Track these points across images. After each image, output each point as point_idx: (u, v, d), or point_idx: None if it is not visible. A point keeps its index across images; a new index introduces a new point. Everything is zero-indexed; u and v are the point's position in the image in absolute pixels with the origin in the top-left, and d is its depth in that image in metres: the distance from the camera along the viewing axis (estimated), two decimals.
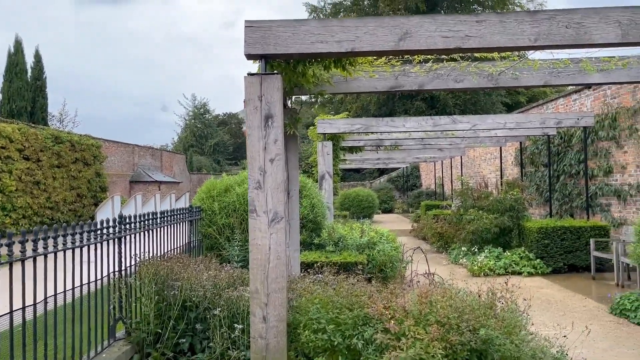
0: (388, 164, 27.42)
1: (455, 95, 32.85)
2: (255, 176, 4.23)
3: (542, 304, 7.02)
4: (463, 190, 11.39)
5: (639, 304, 6.09)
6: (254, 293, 4.21)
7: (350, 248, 7.67)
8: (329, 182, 10.39)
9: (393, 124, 10.45)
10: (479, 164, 20.55)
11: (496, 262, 9.45)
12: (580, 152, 11.72)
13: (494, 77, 5.80)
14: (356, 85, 5.98)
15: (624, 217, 10.18)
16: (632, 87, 9.86)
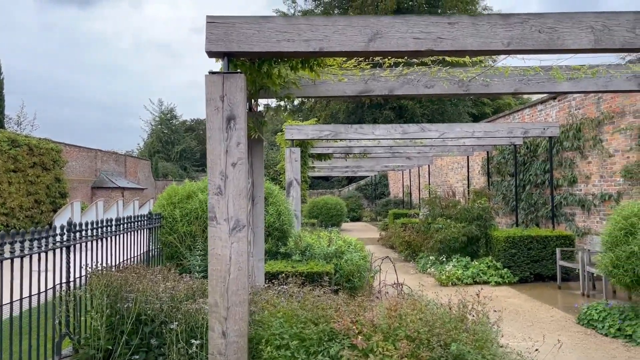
0: (357, 172, 27.37)
1: (423, 105, 33.19)
2: (216, 181, 3.98)
3: (510, 314, 6.94)
4: (431, 199, 11.34)
5: (606, 314, 6.06)
6: (213, 306, 3.94)
7: (318, 257, 7.44)
8: (297, 190, 10.16)
9: (362, 131, 10.32)
10: (446, 173, 20.68)
11: (464, 271, 9.38)
12: (545, 162, 11.84)
13: (465, 84, 5.70)
14: (325, 89, 5.79)
15: (588, 227, 10.29)
16: (596, 98, 10.00)
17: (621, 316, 5.91)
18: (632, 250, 5.49)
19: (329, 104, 36.06)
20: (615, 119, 9.38)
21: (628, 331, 5.63)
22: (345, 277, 7.20)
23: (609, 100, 9.57)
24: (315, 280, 6.61)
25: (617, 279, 5.71)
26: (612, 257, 5.73)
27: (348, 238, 8.29)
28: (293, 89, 5.53)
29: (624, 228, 5.73)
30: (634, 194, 8.79)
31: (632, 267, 5.47)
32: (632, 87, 5.66)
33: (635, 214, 5.75)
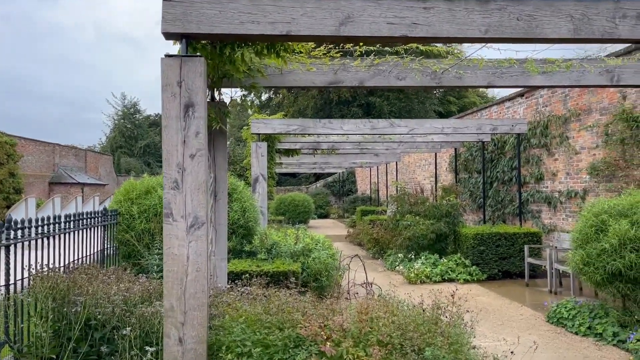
0: (325, 168, 27.16)
1: (391, 103, 33.26)
2: (172, 174, 3.65)
3: (480, 313, 6.80)
4: (399, 196, 11.19)
5: (576, 312, 5.99)
6: (169, 311, 3.62)
7: (284, 256, 7.16)
8: (263, 186, 9.84)
9: (331, 125, 10.07)
10: (414, 170, 20.67)
11: (432, 269, 9.26)
12: (512, 159, 11.86)
13: (438, 76, 5.51)
14: (292, 79, 5.50)
15: (554, 224, 10.33)
16: (563, 95, 10.03)
17: (591, 314, 5.84)
18: (603, 248, 5.42)
19: (297, 100, 35.76)
20: (582, 116, 9.41)
21: (598, 329, 5.56)
22: (312, 276, 6.95)
23: (576, 98, 9.61)
24: (281, 280, 6.33)
25: (588, 277, 5.63)
26: (583, 254, 5.65)
27: (316, 235, 8.04)
28: (259, 78, 5.22)
29: (595, 225, 5.66)
30: (600, 191, 8.83)
31: (603, 265, 5.40)
32: (603, 82, 5.58)
33: (605, 211, 5.68)
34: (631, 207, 5.61)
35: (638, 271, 5.24)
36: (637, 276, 5.27)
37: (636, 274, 5.25)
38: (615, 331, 5.43)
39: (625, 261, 5.24)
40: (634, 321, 5.41)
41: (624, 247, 5.31)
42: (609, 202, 5.82)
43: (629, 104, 8.14)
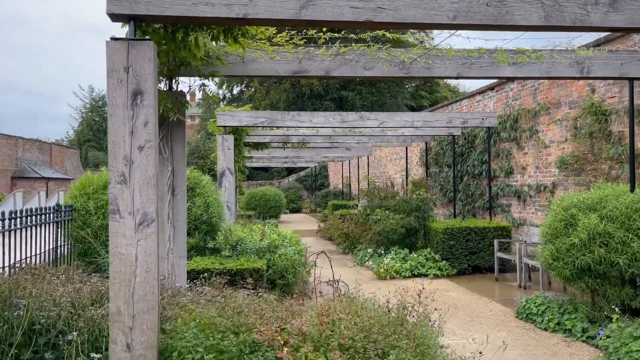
0: (296, 162, 26.88)
1: (363, 97, 33.21)
2: (119, 167, 3.38)
3: (449, 309, 6.69)
4: (370, 190, 11.05)
5: (545, 308, 5.93)
6: (116, 315, 3.36)
7: (250, 252, 6.91)
8: (230, 180, 9.55)
9: (300, 118, 9.82)
10: (385, 164, 20.61)
11: (402, 264, 9.14)
12: (483, 152, 11.84)
13: (406, 66, 5.33)
14: (255, 68, 5.24)
15: (524, 218, 10.33)
16: (533, 89, 10.01)
17: (560, 309, 5.78)
18: (572, 242, 5.34)
19: (269, 93, 35.36)
20: (551, 110, 9.40)
21: (567, 325, 5.50)
22: (278, 274, 6.72)
23: (545, 91, 9.59)
24: (245, 278, 6.09)
25: (557, 272, 5.56)
26: (552, 249, 5.57)
27: (283, 231, 7.81)
28: (218, 66, 4.95)
29: (564, 219, 5.58)
30: (569, 185, 8.84)
31: (573, 260, 5.32)
32: (573, 73, 5.50)
33: (575, 205, 5.61)
34: (600, 201, 5.54)
35: (607, 266, 5.17)
36: (606, 271, 5.21)
37: (605, 269, 5.19)
38: (584, 327, 5.37)
39: (594, 256, 5.17)
40: (603, 317, 5.36)
41: (593, 241, 5.24)
42: (578, 196, 5.75)
43: (598, 97, 8.13)
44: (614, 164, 7.74)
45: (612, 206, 5.36)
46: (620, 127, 7.68)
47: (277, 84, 35.47)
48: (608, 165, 7.83)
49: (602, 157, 7.99)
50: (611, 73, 5.55)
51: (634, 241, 5.07)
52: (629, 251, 5.07)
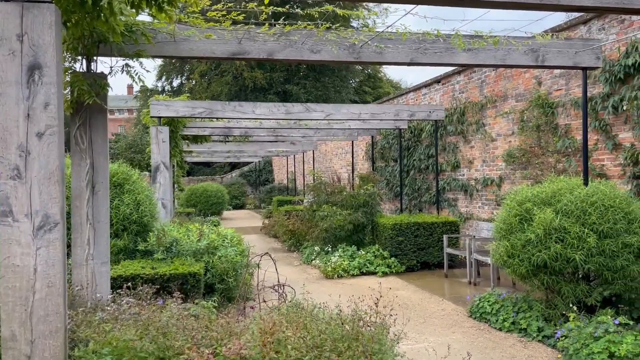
0: (239, 157, 26.12)
1: (308, 91, 32.83)
2: (11, 159, 2.75)
3: (400, 309, 6.37)
4: (316, 185, 10.62)
5: (499, 306, 5.69)
6: (9, 341, 2.74)
7: (186, 254, 6.30)
8: (165, 175, 8.84)
9: (242, 109, 9.23)
10: (331, 159, 20.29)
11: (350, 262, 8.77)
12: (429, 146, 11.68)
13: (357, 49, 4.90)
14: (188, 48, 4.65)
15: (470, 212, 10.23)
16: (480, 82, 9.89)
17: (514, 308, 5.56)
18: (528, 238, 5.12)
19: (211, 86, 34.26)
20: (498, 103, 9.30)
21: (522, 324, 5.27)
22: (218, 277, 6.16)
23: (492, 84, 9.48)
24: (180, 283, 5.49)
25: (513, 269, 5.33)
26: (507, 245, 5.32)
27: (223, 230, 7.23)
28: (145, 44, 4.33)
29: (519, 214, 5.35)
30: (516, 179, 8.76)
31: (529, 256, 5.09)
32: (529, 61, 5.25)
33: (529, 200, 5.39)
34: (554, 194, 5.35)
35: (563, 262, 4.97)
36: (562, 268, 5.01)
37: (561, 265, 4.99)
38: (539, 326, 5.16)
39: (550, 252, 4.95)
40: (558, 315, 5.17)
41: (549, 237, 5.02)
42: (532, 189, 5.54)
43: (544, 90, 8.05)
44: (561, 157, 7.68)
45: (567, 200, 5.17)
46: (566, 120, 7.62)
47: (219, 76, 34.42)
48: (555, 158, 7.76)
49: (549, 151, 7.92)
50: (566, 62, 5.36)
51: (589, 236, 4.89)
52: (585, 247, 4.89)
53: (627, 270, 4.92)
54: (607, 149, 6.79)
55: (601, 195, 5.09)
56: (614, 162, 6.72)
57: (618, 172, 6.65)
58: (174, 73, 39.96)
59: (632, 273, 4.96)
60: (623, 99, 6.42)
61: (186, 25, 4.57)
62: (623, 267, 4.90)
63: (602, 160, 6.93)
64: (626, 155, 6.43)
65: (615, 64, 6.50)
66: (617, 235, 4.93)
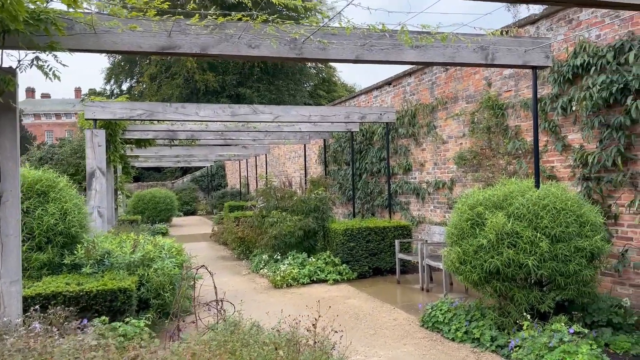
0: (190, 162, 25.34)
1: (261, 94, 32.35)
2: None
3: (350, 320, 6.07)
4: (265, 190, 10.21)
5: (452, 315, 5.47)
6: None
7: (119, 267, 5.78)
8: (102, 181, 8.24)
9: (184, 111, 8.73)
10: (284, 163, 19.90)
11: (300, 269, 8.41)
12: (381, 149, 11.49)
13: (299, 45, 4.56)
14: (110, 41, 4.19)
15: (423, 215, 10.08)
16: (430, 83, 9.77)
17: (467, 317, 5.35)
18: (480, 244, 4.91)
19: (161, 89, 33.27)
20: (449, 105, 9.18)
21: (475, 334, 5.05)
22: (153, 292, 5.68)
23: (443, 85, 9.37)
24: (110, 300, 4.99)
25: (465, 276, 5.11)
26: (459, 251, 5.11)
27: (161, 241, 6.72)
28: (58, 36, 3.84)
29: (471, 219, 5.15)
30: (467, 181, 8.64)
31: (481, 263, 4.89)
32: (478, 59, 5.06)
33: (481, 203, 5.20)
34: (506, 198, 5.17)
35: (515, 268, 4.79)
36: (515, 274, 4.83)
37: (513, 271, 4.80)
38: (493, 335, 4.95)
39: (503, 258, 4.76)
40: (512, 323, 4.98)
41: (501, 242, 4.83)
42: (484, 193, 5.36)
43: (494, 91, 7.97)
44: (512, 159, 7.59)
45: (519, 203, 5.00)
46: (516, 121, 7.55)
47: (170, 79, 33.46)
48: (506, 160, 7.67)
49: (500, 152, 7.82)
50: (515, 61, 5.20)
51: (542, 240, 4.72)
52: (538, 251, 4.72)
53: (579, 275, 4.79)
54: (556, 150, 6.73)
55: (553, 197, 4.94)
56: (564, 163, 6.66)
57: (568, 174, 6.59)
58: (123, 76, 38.59)
59: (585, 278, 4.83)
60: (572, 99, 6.36)
61: (108, 16, 4.11)
62: (576, 272, 4.77)
63: (552, 162, 6.86)
64: (575, 157, 6.37)
65: (564, 64, 6.43)
66: (570, 239, 4.79)
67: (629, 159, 5.72)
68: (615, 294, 5.93)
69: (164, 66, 33.78)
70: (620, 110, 5.76)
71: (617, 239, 5.93)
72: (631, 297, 5.75)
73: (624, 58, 5.65)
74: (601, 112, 6.00)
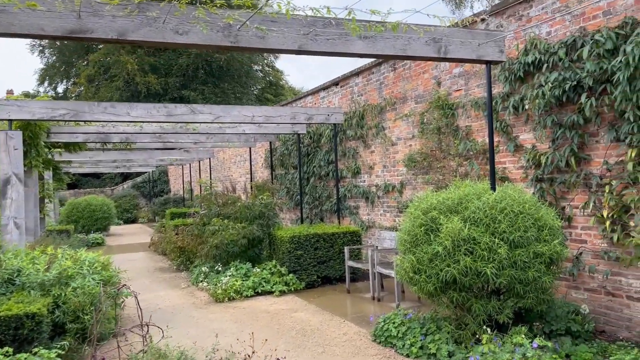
0: (130, 167, 24.12)
1: (206, 97, 31.38)
2: None
3: (297, 336, 5.57)
4: (206, 196, 9.55)
5: (406, 329, 5.07)
6: None
7: (31, 287, 5.04)
8: (19, 189, 7.38)
9: (114, 110, 7.99)
10: (229, 167, 19.19)
11: (244, 281, 7.84)
12: (329, 152, 11.09)
13: (233, 32, 4.03)
14: (6, 22, 3.52)
15: (372, 220, 9.73)
16: (379, 83, 9.45)
17: (422, 330, 4.96)
18: (435, 251, 4.54)
19: (99, 91, 31.69)
20: (398, 105, 8.88)
21: (432, 349, 4.67)
22: (71, 315, 4.97)
23: (391, 85, 9.05)
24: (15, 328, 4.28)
25: (419, 287, 4.72)
26: (413, 260, 4.71)
27: (82, 255, 5.98)
28: None
29: (425, 224, 4.77)
30: (417, 184, 8.34)
31: (437, 272, 4.52)
32: (430, 53, 4.71)
33: (435, 207, 4.84)
34: (461, 201, 4.84)
35: (473, 277, 4.44)
36: (472, 283, 4.48)
37: (471, 280, 4.45)
38: (450, 350, 4.58)
39: (460, 266, 4.40)
40: (469, 335, 4.63)
41: (457, 249, 4.47)
42: (438, 196, 5.00)
43: (444, 90, 7.70)
44: (463, 161, 7.34)
45: (475, 207, 4.67)
46: (467, 121, 7.30)
47: (109, 81, 31.93)
48: (457, 162, 7.41)
49: (451, 154, 7.56)
50: (469, 55, 4.89)
51: (500, 247, 4.40)
52: (496, 258, 4.39)
53: (539, 282, 4.50)
54: (508, 151, 6.50)
55: (510, 200, 4.64)
56: (516, 164, 6.44)
57: (520, 175, 6.37)
58: (58, 77, 36.55)
59: (544, 285, 4.55)
60: (524, 98, 6.14)
61: None
62: (535, 279, 4.47)
63: (503, 163, 6.63)
64: (528, 157, 6.15)
65: (515, 61, 6.21)
66: (528, 244, 4.50)
67: (583, 159, 5.54)
68: (570, 298, 5.73)
69: (103, 67, 32.24)
70: (573, 108, 5.57)
71: (571, 242, 5.74)
72: (586, 301, 5.56)
73: (576, 55, 5.47)
74: (554, 111, 5.80)
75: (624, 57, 4.75)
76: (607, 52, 5.08)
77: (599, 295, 5.45)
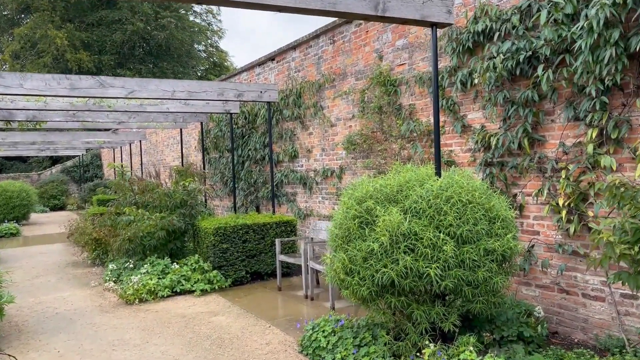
0: (56, 150, 22.26)
1: (144, 76, 29.52)
2: None
3: (211, 348, 4.71)
4: (119, 182, 8.45)
5: (337, 339, 4.31)
6: None
7: None
8: None
9: (3, 81, 6.74)
10: (162, 150, 17.89)
11: (160, 279, 6.87)
12: (265, 134, 10.18)
13: None
14: None
15: (310, 208, 8.94)
16: (317, 58, 8.59)
17: (355, 340, 4.21)
18: (370, 249, 3.77)
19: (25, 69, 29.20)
20: (337, 82, 8.06)
21: None
22: None
23: (330, 60, 8.22)
24: None
25: (352, 291, 3.96)
26: (345, 259, 3.94)
27: None
28: None
29: (359, 216, 4.00)
30: (357, 169, 7.59)
31: (372, 273, 3.76)
32: (366, 10, 3.88)
33: (371, 196, 4.07)
34: (401, 188, 4.09)
35: (414, 279, 3.71)
36: (413, 286, 3.75)
37: (412, 283, 3.72)
38: None
39: (399, 267, 3.65)
40: (409, 347, 3.91)
41: (396, 246, 3.72)
42: (374, 182, 4.23)
43: (386, 65, 6.94)
44: (406, 143, 6.63)
45: (417, 196, 3.93)
46: (410, 99, 6.58)
47: (36, 57, 29.45)
48: (399, 144, 6.69)
49: (393, 136, 6.83)
50: (412, 14, 4.10)
51: (446, 243, 3.69)
52: (441, 257, 3.68)
53: (489, 283, 3.83)
54: (455, 132, 5.83)
55: (458, 188, 3.92)
56: (463, 147, 5.77)
57: (468, 159, 5.71)
58: None
59: (495, 286, 3.88)
60: (473, 72, 5.46)
61: None
62: (485, 280, 3.80)
63: (450, 146, 5.96)
64: (477, 139, 5.49)
65: (464, 31, 5.51)
66: (478, 240, 3.81)
67: (537, 140, 4.92)
68: (521, 296, 5.15)
69: (29, 42, 29.68)
70: (527, 83, 4.93)
71: (523, 233, 5.14)
72: (538, 299, 5.00)
73: (531, 21, 4.81)
74: (505, 86, 5.14)
75: (587, 22, 4.10)
76: (567, 17, 4.44)
77: (552, 293, 4.89)
